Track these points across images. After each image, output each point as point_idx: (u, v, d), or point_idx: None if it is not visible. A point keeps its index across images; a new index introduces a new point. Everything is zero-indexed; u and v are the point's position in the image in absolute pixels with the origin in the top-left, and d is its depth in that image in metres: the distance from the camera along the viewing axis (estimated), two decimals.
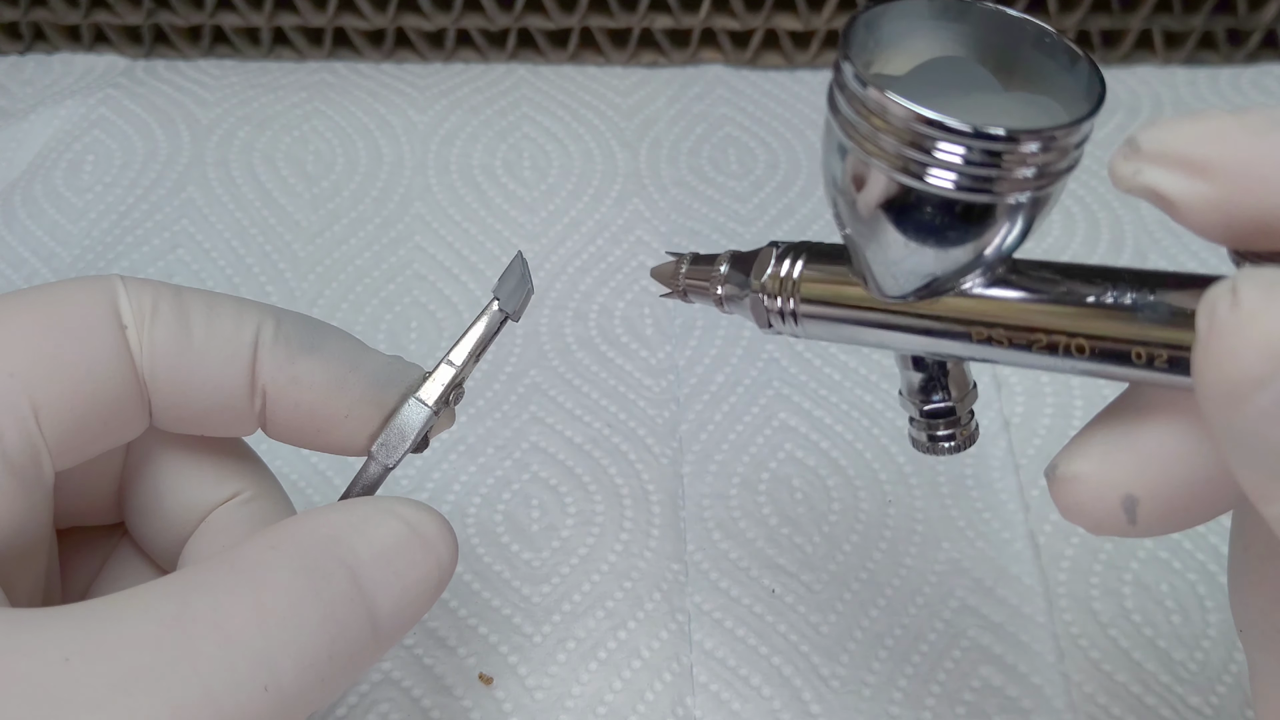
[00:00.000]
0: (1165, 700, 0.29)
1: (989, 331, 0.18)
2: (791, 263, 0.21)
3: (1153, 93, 0.48)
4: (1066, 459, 0.18)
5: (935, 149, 0.17)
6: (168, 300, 0.21)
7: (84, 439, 0.21)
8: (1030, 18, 0.19)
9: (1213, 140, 0.15)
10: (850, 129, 0.18)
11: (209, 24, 0.49)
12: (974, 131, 0.17)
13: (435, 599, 0.21)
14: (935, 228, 0.18)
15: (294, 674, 0.18)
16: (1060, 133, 0.17)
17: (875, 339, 0.20)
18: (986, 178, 0.17)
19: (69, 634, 0.17)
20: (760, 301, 0.21)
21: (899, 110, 0.17)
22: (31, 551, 0.21)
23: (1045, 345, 0.18)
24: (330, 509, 0.21)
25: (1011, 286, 0.18)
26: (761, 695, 0.29)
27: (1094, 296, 0.17)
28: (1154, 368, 0.17)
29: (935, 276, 0.19)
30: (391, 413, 0.23)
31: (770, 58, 0.50)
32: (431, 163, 0.45)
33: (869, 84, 0.17)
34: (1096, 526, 0.18)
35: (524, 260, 0.24)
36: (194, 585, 0.18)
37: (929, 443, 0.22)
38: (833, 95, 0.18)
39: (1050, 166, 0.17)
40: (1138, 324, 0.17)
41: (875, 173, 0.18)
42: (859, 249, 0.19)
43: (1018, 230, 0.18)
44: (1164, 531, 0.17)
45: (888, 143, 0.17)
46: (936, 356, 0.21)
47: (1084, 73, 0.18)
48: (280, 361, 0.22)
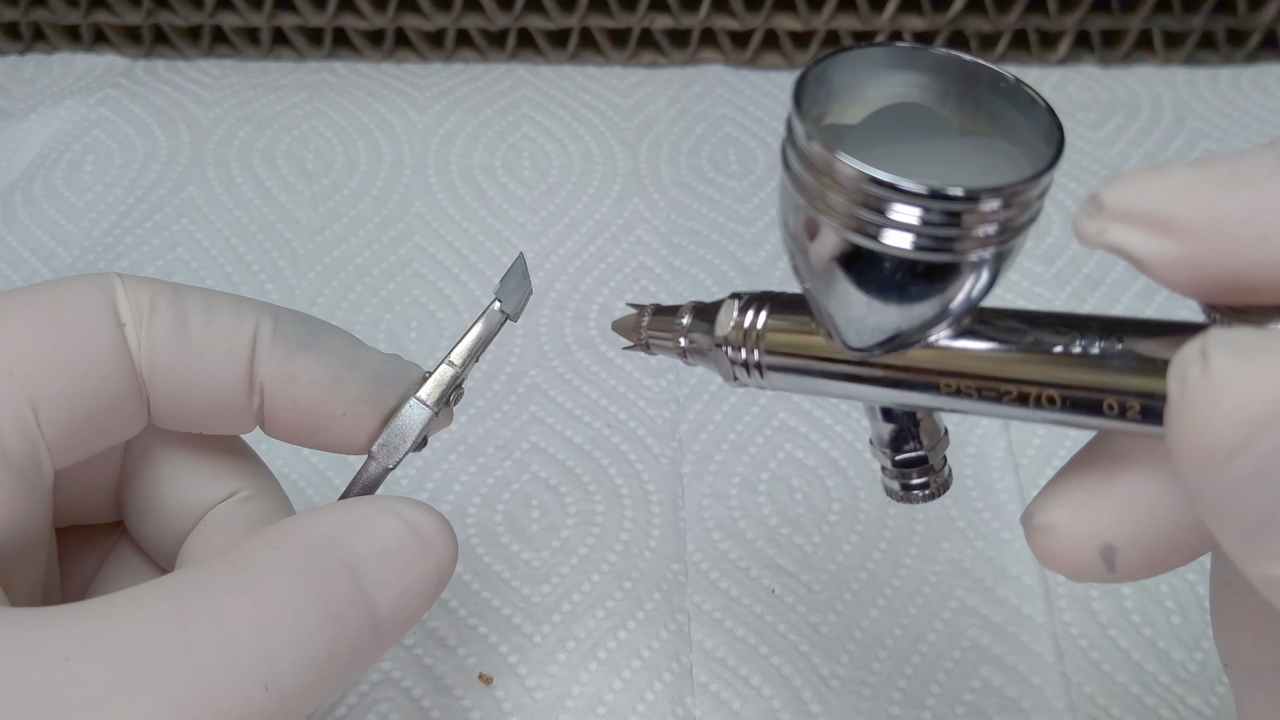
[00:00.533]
0: (1165, 700, 0.29)
1: (957, 383, 0.18)
2: (755, 313, 0.20)
3: (1153, 93, 0.48)
4: (1042, 508, 0.18)
5: (890, 210, 0.16)
6: (166, 298, 0.21)
7: (83, 437, 0.21)
8: (985, 63, 0.18)
9: (1176, 197, 0.15)
10: (802, 187, 0.17)
11: (209, 24, 0.49)
12: (929, 192, 0.16)
13: (435, 598, 0.21)
14: (895, 285, 0.17)
15: (294, 673, 0.18)
16: (1021, 188, 0.16)
17: (842, 391, 0.20)
18: (947, 237, 0.17)
19: (69, 633, 0.17)
20: (724, 354, 0.21)
21: (848, 171, 0.16)
22: (31, 550, 0.21)
23: (1015, 397, 0.17)
24: (330, 508, 0.21)
25: (979, 337, 0.18)
26: (761, 695, 0.29)
27: (1062, 346, 0.17)
28: (1126, 418, 0.16)
29: (899, 330, 0.18)
30: (391, 411, 0.23)
31: (770, 58, 0.50)
32: (431, 162, 0.45)
33: (817, 142, 0.17)
34: (1076, 575, 0.17)
35: (524, 261, 0.24)
36: (194, 584, 0.18)
37: (903, 492, 0.21)
38: (785, 152, 0.18)
39: (1012, 221, 0.17)
40: (1108, 373, 0.16)
41: (830, 232, 0.17)
42: (819, 304, 0.19)
43: (983, 283, 0.18)
44: (1145, 576, 0.17)
45: (839, 203, 0.17)
46: (905, 408, 0.20)
47: (1042, 117, 0.18)
48: (278, 359, 0.22)
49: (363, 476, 0.23)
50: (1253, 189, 0.15)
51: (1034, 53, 0.49)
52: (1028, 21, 0.48)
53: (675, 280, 0.40)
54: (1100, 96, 0.48)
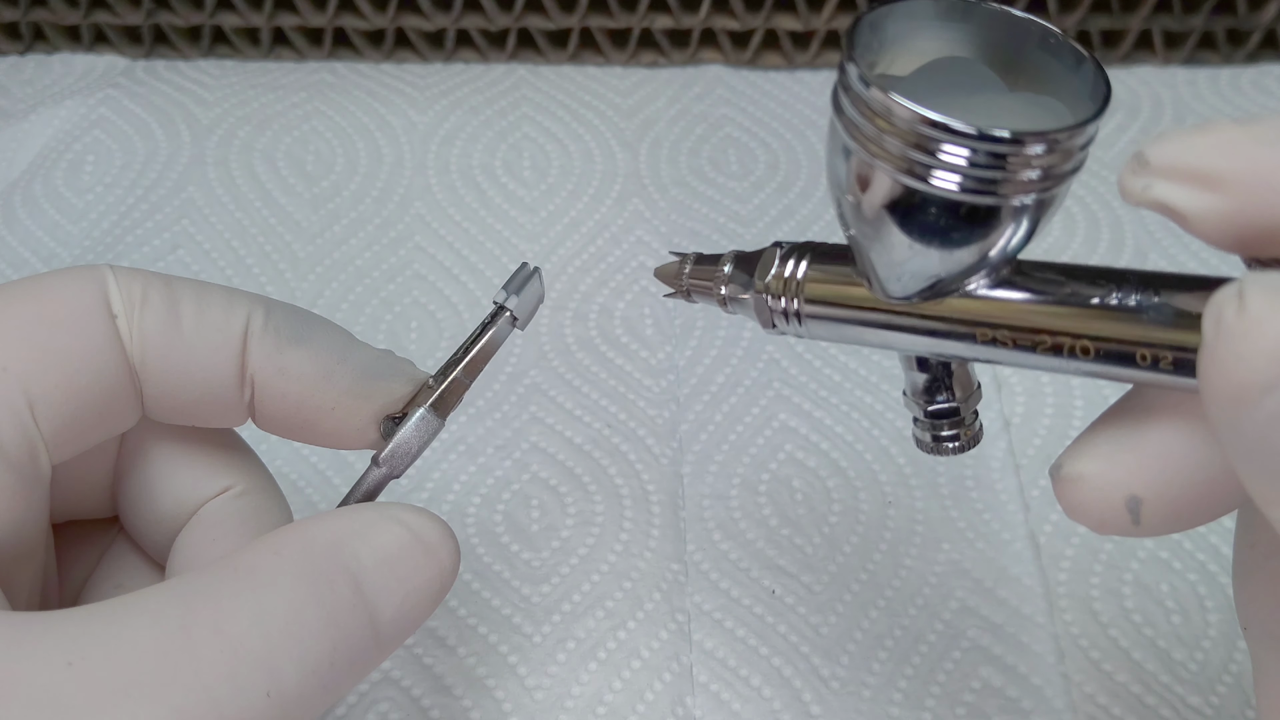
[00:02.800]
0: (1165, 700, 0.29)
1: (993, 333, 0.18)
2: (795, 263, 0.21)
3: (1153, 93, 0.48)
4: (1071, 459, 0.18)
5: (940, 151, 0.17)
6: (157, 289, 0.21)
7: (79, 430, 0.21)
8: (1035, 18, 0.19)
9: (1222, 152, 0.15)
10: (854, 130, 0.18)
11: (209, 24, 0.49)
12: (978, 134, 0.17)
13: (436, 605, 0.21)
14: (939, 229, 0.18)
15: (296, 679, 0.18)
16: (1065, 135, 0.17)
17: (879, 340, 0.20)
18: (991, 180, 0.17)
19: (72, 638, 0.17)
20: (764, 302, 0.21)
21: (903, 112, 0.17)
22: (30, 546, 0.21)
23: (1050, 347, 0.18)
24: (333, 514, 0.21)
25: (1016, 288, 0.18)
26: (762, 696, 0.29)
27: (1099, 298, 0.17)
28: (1159, 369, 0.16)
29: (939, 278, 0.19)
30: (382, 408, 0.23)
31: (770, 58, 0.50)
32: (431, 163, 0.45)
33: (873, 85, 0.17)
34: (1100, 526, 0.18)
35: (541, 276, 0.24)
36: (197, 590, 0.18)
37: (933, 443, 0.22)
38: (837, 96, 0.18)
39: (1055, 168, 0.17)
40: (1143, 325, 0.17)
41: (879, 174, 0.18)
42: (863, 250, 0.19)
43: (1023, 232, 0.18)
44: (1168, 531, 0.17)
45: (892, 144, 0.17)
46: (940, 357, 0.21)
47: (1089, 73, 0.18)
48: (268, 351, 0.22)
49: (365, 482, 0.23)
50: None
51: None
52: None
53: None
54: None
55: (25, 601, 0.21)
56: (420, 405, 0.23)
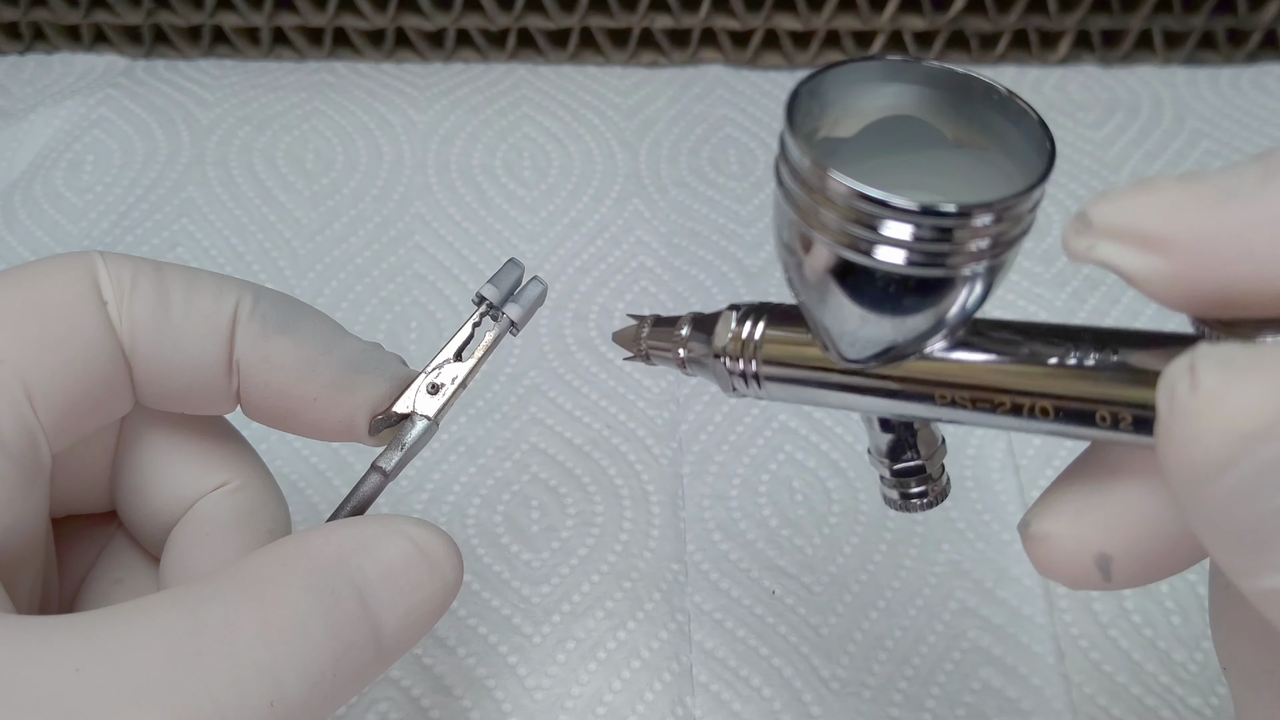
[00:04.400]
0: (1165, 701, 0.29)
1: (952, 394, 0.18)
2: (753, 325, 0.21)
3: (1153, 93, 0.48)
4: (1038, 517, 0.18)
5: (882, 226, 0.16)
6: (147, 275, 0.21)
7: (76, 419, 0.21)
8: (976, 74, 0.18)
9: (1163, 213, 0.15)
10: (795, 203, 0.17)
11: (209, 24, 0.49)
12: (921, 209, 0.16)
13: (439, 619, 0.21)
14: (889, 299, 0.17)
15: (299, 689, 0.18)
16: (1012, 202, 0.16)
17: (839, 401, 0.20)
18: (938, 253, 0.17)
19: (79, 643, 0.17)
20: (722, 365, 0.21)
21: (840, 188, 0.16)
22: (31, 541, 0.21)
23: (1010, 408, 0.18)
24: (339, 526, 0.21)
25: (974, 349, 0.18)
26: (762, 696, 0.29)
27: (1056, 358, 0.17)
28: (1119, 429, 0.16)
29: (894, 343, 0.18)
30: (367, 400, 0.23)
31: (770, 58, 0.49)
32: (431, 162, 0.45)
33: (810, 159, 0.17)
34: (1073, 584, 0.18)
35: (545, 288, 0.24)
36: (203, 598, 0.18)
37: (902, 500, 0.21)
38: (778, 167, 0.18)
39: (1004, 235, 0.17)
40: (1101, 385, 0.16)
41: (822, 247, 0.17)
42: (814, 317, 0.19)
43: (977, 295, 0.18)
44: (1141, 584, 0.17)
45: (832, 219, 0.17)
46: (902, 418, 0.20)
47: (1033, 128, 0.18)
48: (253, 339, 0.22)
49: (365, 486, 0.23)
50: (1239, 204, 0.15)
51: (1034, 53, 0.49)
52: (1028, 21, 0.48)
53: (675, 281, 0.40)
54: (1100, 96, 0.48)
55: (26, 597, 0.21)
56: (418, 408, 0.23)
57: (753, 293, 0.40)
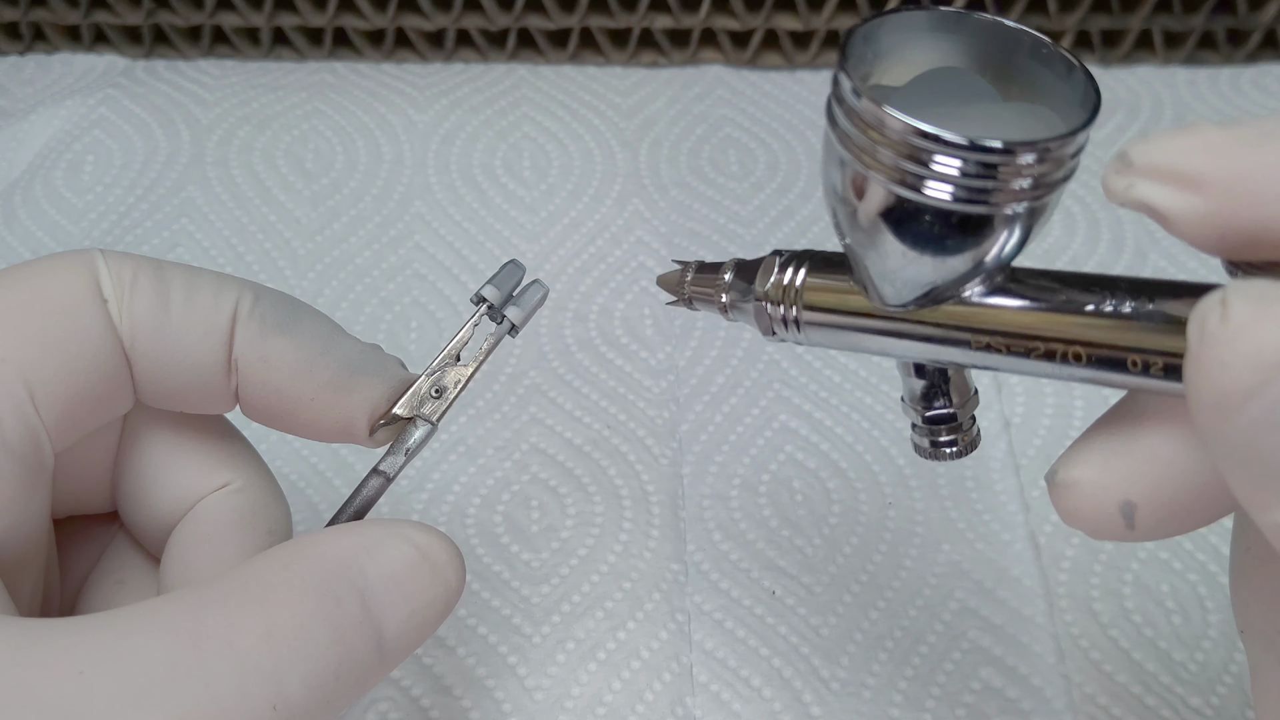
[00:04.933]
0: (1166, 701, 0.29)
1: (988, 339, 0.19)
2: (794, 271, 0.21)
3: (1153, 93, 0.48)
4: (1066, 465, 0.18)
5: (932, 162, 0.17)
6: (147, 273, 0.21)
7: (78, 417, 0.21)
8: (1026, 28, 0.19)
9: (1204, 154, 0.15)
10: (848, 141, 0.18)
11: (209, 24, 0.49)
12: (969, 144, 0.17)
13: (441, 623, 0.21)
14: (933, 238, 0.18)
15: (301, 693, 0.18)
16: (1055, 144, 0.17)
17: (876, 346, 0.20)
18: (983, 189, 0.17)
19: (83, 647, 0.17)
20: (764, 309, 0.21)
21: (895, 124, 0.17)
22: (34, 541, 0.21)
23: (1043, 353, 0.18)
24: (342, 530, 0.21)
25: (1010, 295, 0.18)
26: (762, 696, 0.29)
27: (1092, 305, 0.17)
28: (1150, 375, 0.17)
29: (934, 285, 0.19)
30: (365, 403, 0.23)
31: (770, 58, 0.49)
32: (431, 162, 0.45)
33: (865, 97, 0.17)
34: (1095, 531, 0.18)
35: (545, 291, 0.24)
36: (207, 601, 0.18)
37: (931, 449, 0.22)
38: (830, 108, 0.18)
39: (1046, 177, 0.17)
40: (1134, 332, 0.17)
41: (873, 184, 0.18)
42: (859, 258, 0.20)
43: (1015, 239, 0.18)
44: (1163, 536, 0.18)
45: (885, 155, 0.17)
46: (937, 364, 0.21)
47: (1080, 82, 0.18)
48: (251, 339, 0.22)
49: (365, 489, 0.23)
50: (1276, 146, 0.15)
51: None
52: (1028, 22, 0.47)
53: None
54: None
55: (28, 598, 0.21)
56: (417, 411, 0.23)
57: None
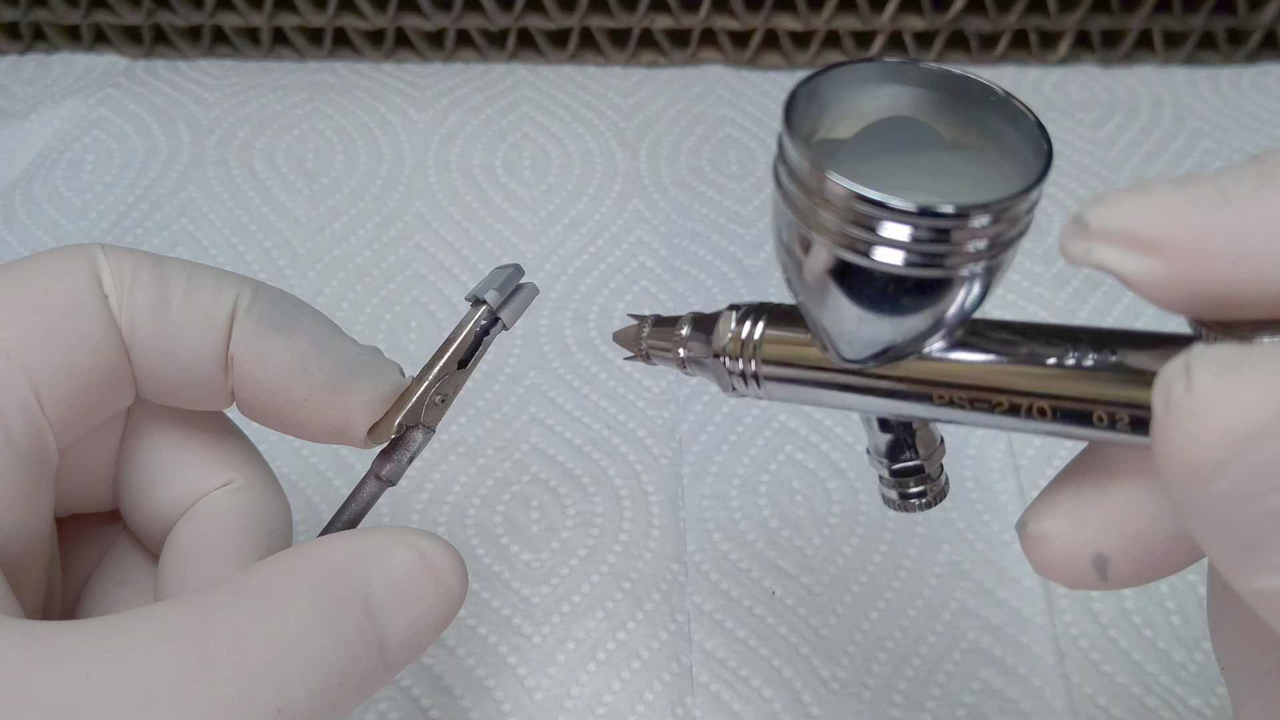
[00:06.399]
0: (1165, 702, 0.29)
1: (950, 394, 0.18)
2: (752, 325, 0.21)
3: (1153, 93, 0.48)
4: (1036, 517, 0.18)
5: (879, 227, 0.17)
6: (147, 269, 0.21)
7: (82, 413, 0.21)
8: (974, 76, 0.18)
9: (1160, 216, 0.15)
10: (794, 204, 0.18)
11: (209, 24, 0.49)
12: (919, 210, 0.16)
13: (443, 630, 0.21)
14: (888, 299, 0.17)
15: (305, 698, 0.18)
16: (1010, 203, 0.16)
17: (838, 401, 0.20)
18: (937, 254, 0.17)
19: (90, 650, 0.17)
20: (722, 365, 0.21)
21: (838, 189, 0.17)
22: (37, 540, 0.21)
23: (1008, 408, 0.18)
24: (346, 537, 0.21)
25: (972, 349, 0.18)
26: (762, 696, 0.29)
27: (1054, 358, 0.17)
28: (1116, 429, 0.16)
29: (893, 343, 0.18)
30: (357, 405, 0.23)
31: (770, 58, 0.49)
32: (431, 162, 0.45)
33: (809, 162, 0.17)
34: (1070, 583, 0.18)
35: (536, 291, 0.24)
36: (213, 605, 0.19)
37: (900, 500, 0.21)
38: (776, 169, 0.18)
39: (1002, 236, 0.17)
40: (1098, 385, 0.16)
41: (820, 248, 0.17)
42: (813, 317, 0.19)
43: (975, 295, 0.18)
44: (1138, 584, 0.17)
45: (830, 220, 0.17)
46: (900, 418, 0.20)
47: (1031, 129, 0.18)
48: (248, 337, 0.22)
49: (362, 492, 0.23)
50: (1235, 206, 0.15)
51: (1034, 53, 0.49)
52: (1028, 21, 0.48)
53: (675, 281, 0.40)
54: (1100, 96, 0.48)
55: (31, 599, 0.21)
56: (417, 413, 0.23)
57: (753, 293, 0.40)
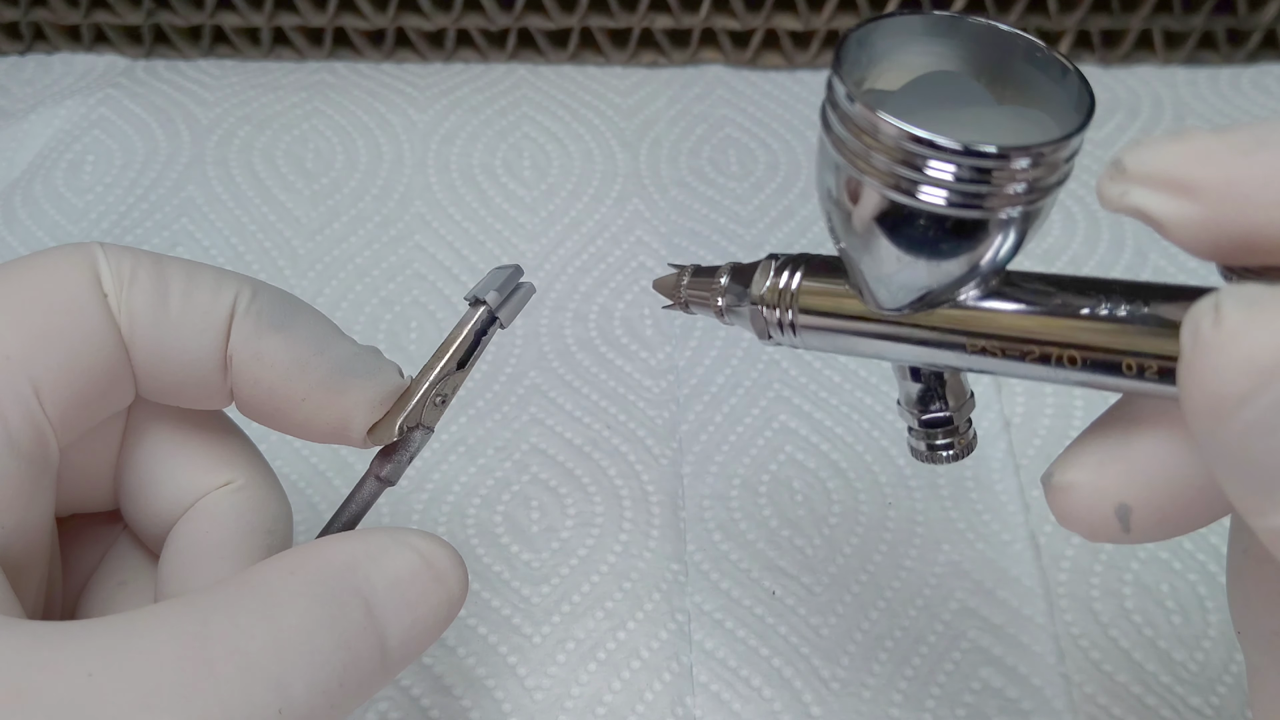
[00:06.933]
0: (1166, 701, 0.29)
1: (983, 343, 0.19)
2: (790, 274, 0.21)
3: (1153, 93, 0.48)
4: (1061, 468, 0.18)
5: (926, 167, 0.17)
6: (146, 268, 0.21)
7: (82, 412, 0.21)
8: (1021, 32, 0.19)
9: (1198, 160, 0.15)
10: (842, 146, 0.18)
11: (209, 24, 0.49)
12: (964, 149, 0.17)
13: (443, 631, 0.21)
14: (928, 242, 0.18)
15: (306, 698, 0.18)
16: (1049, 148, 0.17)
17: (872, 349, 0.20)
18: (977, 194, 0.17)
19: (91, 650, 0.17)
20: (759, 313, 0.21)
21: (889, 129, 0.17)
22: (38, 540, 0.21)
23: (1038, 357, 0.18)
24: (347, 538, 0.21)
25: (1005, 298, 0.18)
26: (762, 696, 0.29)
27: (1087, 308, 0.17)
28: (1144, 378, 0.17)
29: (929, 289, 0.19)
30: (355, 405, 0.23)
31: (770, 58, 0.49)
32: (431, 162, 0.45)
33: (860, 102, 0.17)
34: (1092, 534, 0.18)
35: (533, 291, 0.24)
36: (213, 606, 0.19)
37: (928, 451, 0.22)
38: (825, 113, 0.18)
39: (1041, 181, 0.17)
40: (1129, 335, 0.17)
41: (867, 189, 0.18)
42: (854, 262, 0.19)
43: (1010, 243, 0.18)
44: (1159, 538, 0.18)
45: (879, 160, 0.17)
46: (932, 367, 0.21)
47: (1074, 85, 0.18)
48: (246, 336, 0.22)
49: (362, 492, 0.23)
50: (1271, 153, 0.15)
51: None
52: (1028, 21, 0.48)
53: None
54: (1100, 96, 0.48)
55: (31, 599, 0.21)
56: (418, 414, 0.23)
57: None
